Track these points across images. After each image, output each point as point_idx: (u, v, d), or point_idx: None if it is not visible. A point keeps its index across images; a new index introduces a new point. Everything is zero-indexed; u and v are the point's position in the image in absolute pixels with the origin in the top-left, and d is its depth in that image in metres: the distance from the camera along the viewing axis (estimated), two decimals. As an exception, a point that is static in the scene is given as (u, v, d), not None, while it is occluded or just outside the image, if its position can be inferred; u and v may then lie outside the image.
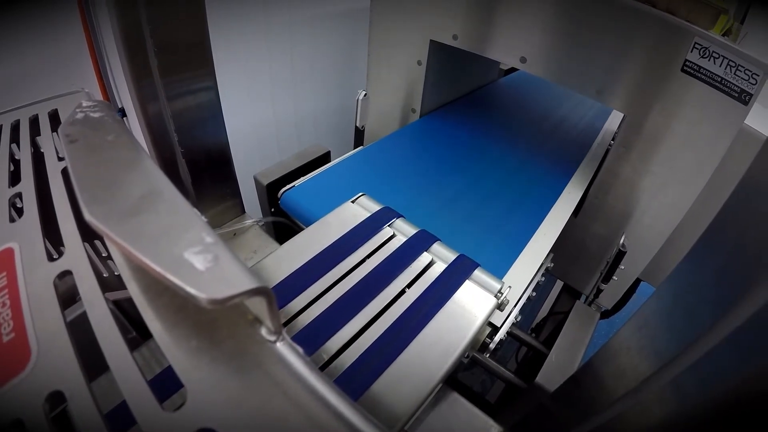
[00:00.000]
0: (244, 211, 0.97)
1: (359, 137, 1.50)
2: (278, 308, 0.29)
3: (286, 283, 0.60)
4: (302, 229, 0.70)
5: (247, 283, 0.25)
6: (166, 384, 0.33)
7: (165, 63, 0.70)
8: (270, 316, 0.28)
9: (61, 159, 0.49)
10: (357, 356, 0.52)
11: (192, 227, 0.29)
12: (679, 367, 0.40)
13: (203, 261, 0.26)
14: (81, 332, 0.32)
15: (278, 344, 0.29)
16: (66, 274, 0.36)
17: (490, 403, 0.91)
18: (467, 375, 1.46)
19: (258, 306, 0.29)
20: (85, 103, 0.46)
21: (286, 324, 0.54)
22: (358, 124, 1.45)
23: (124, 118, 0.76)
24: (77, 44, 1.09)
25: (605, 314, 1.33)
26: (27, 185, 0.46)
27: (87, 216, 0.28)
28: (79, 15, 1.06)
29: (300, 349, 0.29)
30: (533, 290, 0.83)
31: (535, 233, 0.90)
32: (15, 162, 0.50)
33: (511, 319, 0.74)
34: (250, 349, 0.29)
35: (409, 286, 0.62)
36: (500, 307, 0.62)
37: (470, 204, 0.98)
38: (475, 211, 0.96)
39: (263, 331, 0.30)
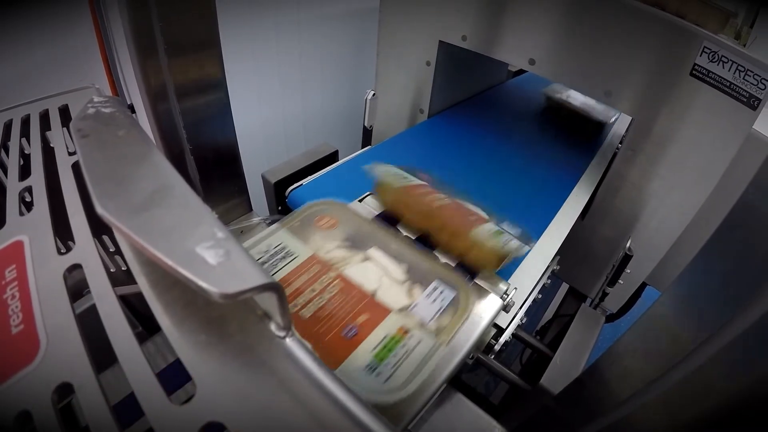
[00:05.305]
0: (251, 209, 0.97)
1: (367, 137, 1.49)
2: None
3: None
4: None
5: (259, 279, 0.25)
6: (173, 377, 0.33)
7: (175, 60, 0.71)
8: (280, 312, 0.28)
9: (71, 154, 0.50)
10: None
11: (203, 222, 0.29)
12: (685, 369, 0.40)
13: (215, 255, 0.26)
14: (89, 325, 0.32)
15: (287, 340, 0.29)
16: (75, 267, 0.36)
17: (494, 405, 0.91)
18: (471, 376, 1.45)
19: (268, 302, 0.29)
20: (96, 99, 0.46)
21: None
22: (366, 124, 1.45)
23: (133, 115, 0.77)
24: (87, 40, 1.09)
25: (610, 318, 1.33)
26: (37, 179, 0.46)
27: (99, 210, 0.28)
28: (90, 11, 1.07)
29: (309, 345, 0.30)
30: (539, 292, 0.83)
31: (542, 235, 0.90)
32: (25, 156, 0.51)
33: (517, 320, 0.74)
34: (259, 345, 0.29)
35: (415, 285, 0.61)
36: (506, 308, 0.62)
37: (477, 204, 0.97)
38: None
39: (272, 327, 0.30)
